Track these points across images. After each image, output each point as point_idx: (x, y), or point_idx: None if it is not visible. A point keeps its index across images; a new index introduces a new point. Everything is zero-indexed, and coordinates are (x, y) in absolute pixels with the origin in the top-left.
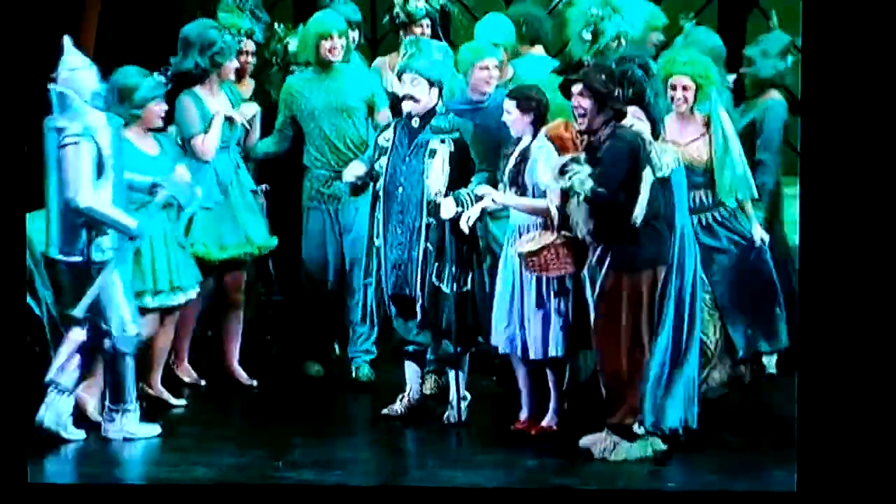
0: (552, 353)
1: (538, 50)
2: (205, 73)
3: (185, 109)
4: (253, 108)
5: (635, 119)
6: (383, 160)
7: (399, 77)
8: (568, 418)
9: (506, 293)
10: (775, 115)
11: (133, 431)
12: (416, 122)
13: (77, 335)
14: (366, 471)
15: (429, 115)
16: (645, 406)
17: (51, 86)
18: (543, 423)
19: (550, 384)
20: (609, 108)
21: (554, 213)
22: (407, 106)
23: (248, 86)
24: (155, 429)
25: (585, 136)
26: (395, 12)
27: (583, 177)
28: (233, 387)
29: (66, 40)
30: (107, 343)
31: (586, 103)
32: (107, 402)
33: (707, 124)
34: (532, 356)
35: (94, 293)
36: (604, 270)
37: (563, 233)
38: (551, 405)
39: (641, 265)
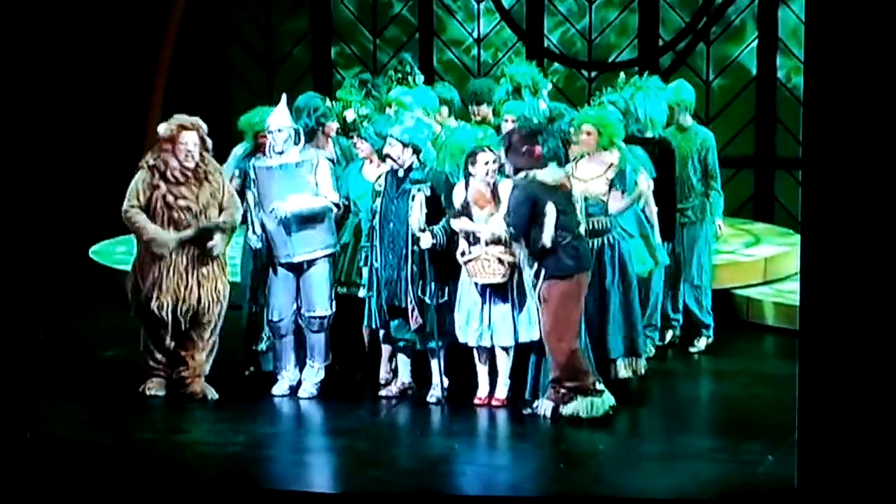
0: (508, 342)
1: (485, 111)
2: (314, 132)
3: None
4: None
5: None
6: (378, 201)
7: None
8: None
9: (472, 300)
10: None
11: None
12: (401, 173)
13: None
14: (368, 437)
15: (410, 167)
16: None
17: None
18: (499, 396)
19: (502, 366)
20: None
21: (485, 235)
22: (388, 161)
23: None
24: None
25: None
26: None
27: (503, 225)
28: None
29: (283, 97)
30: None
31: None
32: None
33: (610, 167)
34: (496, 344)
35: None
36: (540, 281)
37: (487, 250)
38: (502, 381)
39: (566, 274)
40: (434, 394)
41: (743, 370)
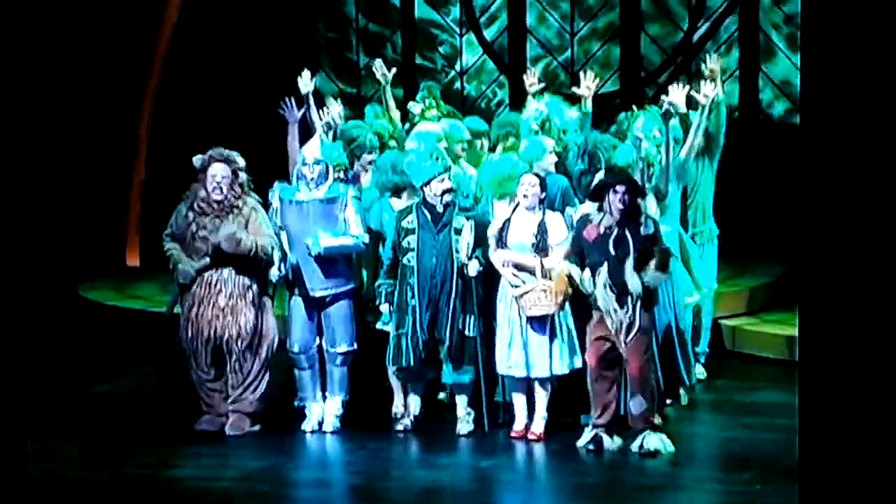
0: (547, 374)
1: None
2: (350, 162)
3: None
4: None
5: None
6: (410, 238)
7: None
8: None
9: (514, 333)
10: None
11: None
12: (440, 208)
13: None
14: (384, 469)
15: (451, 201)
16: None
17: None
18: (535, 430)
19: (541, 399)
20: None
21: (538, 268)
22: (449, 196)
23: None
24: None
25: (616, 226)
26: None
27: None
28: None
29: (319, 129)
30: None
31: (627, 199)
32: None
33: None
34: (535, 376)
35: None
36: (639, 314)
37: (543, 282)
38: (539, 415)
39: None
40: (464, 427)
41: (730, 399)
